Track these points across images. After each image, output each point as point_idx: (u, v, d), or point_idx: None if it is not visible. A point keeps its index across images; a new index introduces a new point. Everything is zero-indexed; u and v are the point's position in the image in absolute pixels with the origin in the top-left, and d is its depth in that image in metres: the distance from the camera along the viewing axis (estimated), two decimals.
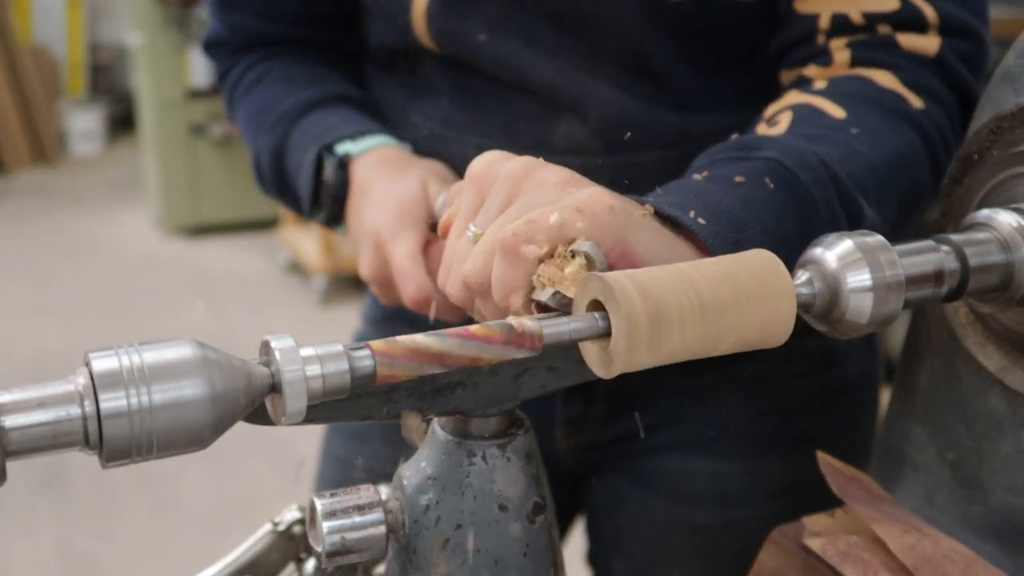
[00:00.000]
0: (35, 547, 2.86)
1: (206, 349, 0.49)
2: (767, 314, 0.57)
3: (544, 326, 0.55)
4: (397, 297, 0.83)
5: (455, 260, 0.66)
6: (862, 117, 0.77)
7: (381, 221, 0.82)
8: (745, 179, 0.70)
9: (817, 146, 0.73)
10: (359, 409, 0.58)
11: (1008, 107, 0.71)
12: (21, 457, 0.46)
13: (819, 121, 0.77)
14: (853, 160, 0.74)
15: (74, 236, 5.66)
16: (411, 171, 0.86)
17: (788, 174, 0.71)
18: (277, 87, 0.98)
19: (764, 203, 0.69)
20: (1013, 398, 0.72)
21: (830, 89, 0.80)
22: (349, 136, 0.89)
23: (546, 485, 0.63)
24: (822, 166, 0.72)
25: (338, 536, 0.58)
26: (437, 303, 0.80)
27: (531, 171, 0.66)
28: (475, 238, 0.65)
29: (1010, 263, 0.65)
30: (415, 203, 0.82)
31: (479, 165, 0.68)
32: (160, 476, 3.09)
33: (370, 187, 0.85)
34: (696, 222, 0.66)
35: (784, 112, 0.79)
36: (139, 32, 5.48)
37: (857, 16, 0.81)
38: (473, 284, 0.63)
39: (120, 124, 7.73)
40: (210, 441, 0.50)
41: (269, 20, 1.00)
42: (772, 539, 0.73)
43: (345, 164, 0.88)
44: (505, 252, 0.60)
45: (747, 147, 0.74)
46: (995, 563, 0.68)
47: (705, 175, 0.72)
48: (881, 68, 0.81)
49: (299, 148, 0.92)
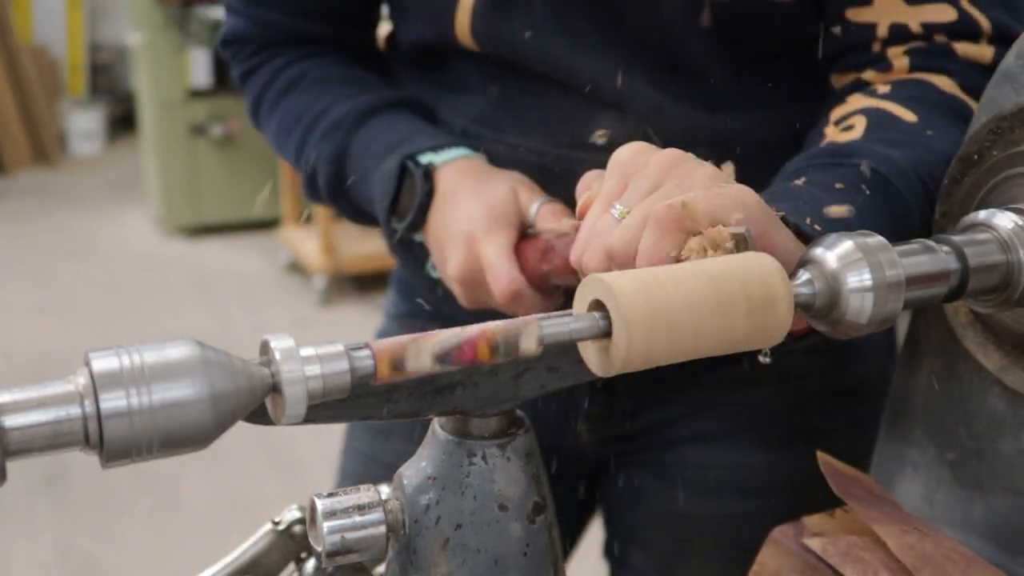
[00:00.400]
0: (35, 547, 2.86)
1: (206, 349, 0.49)
2: (765, 316, 0.57)
3: (544, 326, 0.55)
4: (483, 297, 0.85)
5: (597, 233, 0.68)
6: (931, 120, 0.80)
7: (473, 222, 0.83)
8: (844, 186, 0.72)
9: (902, 151, 0.76)
10: (359, 409, 0.58)
11: (1008, 107, 0.71)
12: (21, 457, 0.46)
13: (894, 125, 0.79)
14: (934, 161, 0.76)
15: (74, 236, 5.65)
16: (500, 178, 0.87)
17: (883, 181, 0.73)
18: (319, 91, 0.98)
19: (865, 209, 0.71)
20: (1013, 398, 0.72)
21: (896, 93, 0.82)
22: (431, 147, 0.90)
23: (546, 485, 0.63)
24: (913, 172, 0.74)
25: (338, 536, 0.58)
26: (526, 300, 0.81)
27: (681, 161, 0.68)
28: (621, 216, 0.66)
29: (1010, 263, 0.65)
30: (506, 206, 0.84)
31: (624, 153, 0.70)
32: (160, 476, 3.09)
33: (458, 194, 0.86)
34: (814, 229, 0.68)
35: (856, 116, 0.81)
36: (139, 32, 5.48)
37: (916, 26, 0.83)
38: (618, 254, 0.64)
39: (120, 124, 7.73)
40: (210, 441, 0.50)
41: (297, 17, 0.99)
42: (772, 539, 0.73)
43: (430, 174, 0.88)
44: (659, 223, 0.62)
45: (838, 154, 0.76)
46: (995, 563, 0.68)
47: (804, 181, 0.74)
48: (940, 73, 0.83)
49: (366, 156, 0.92)
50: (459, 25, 0.89)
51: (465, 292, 0.86)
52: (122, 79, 7.76)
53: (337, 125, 0.94)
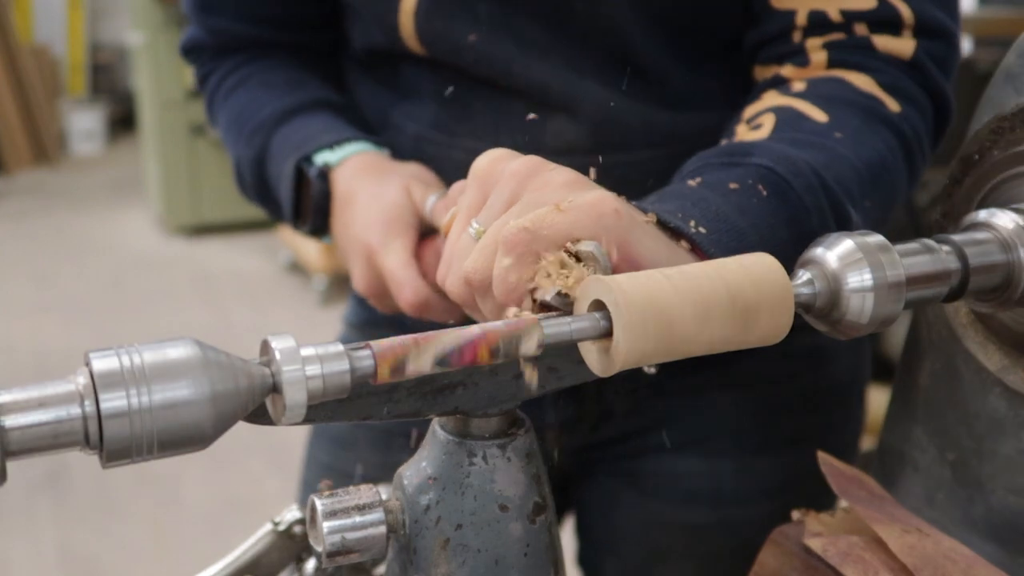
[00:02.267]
0: (36, 547, 2.87)
1: (206, 349, 0.49)
2: (765, 315, 0.57)
3: (545, 326, 0.55)
4: (394, 305, 0.83)
5: (456, 257, 0.66)
6: (843, 121, 0.77)
7: (369, 232, 0.82)
8: (739, 186, 0.70)
9: (804, 152, 0.73)
10: (359, 409, 0.58)
11: (1009, 107, 0.71)
12: (21, 457, 0.46)
13: (802, 125, 0.77)
14: (839, 165, 0.74)
15: (75, 236, 5.66)
16: (393, 177, 0.85)
17: (780, 181, 0.71)
18: (256, 93, 0.97)
19: (759, 210, 0.69)
20: (1014, 398, 0.72)
21: (810, 91, 0.80)
22: (327, 145, 0.88)
23: (547, 485, 0.63)
24: (812, 173, 0.72)
25: (338, 536, 0.58)
26: (435, 306, 0.79)
27: (537, 170, 0.66)
28: (477, 235, 0.65)
29: (1011, 263, 0.65)
30: (401, 209, 0.82)
31: (483, 163, 0.68)
32: (161, 476, 3.09)
33: (353, 197, 0.85)
34: (698, 231, 0.66)
35: (766, 115, 0.79)
36: (140, 32, 5.49)
37: (835, 14, 0.81)
38: (475, 281, 0.63)
39: (121, 124, 7.73)
40: (210, 441, 0.50)
41: (249, 23, 0.99)
42: (773, 539, 0.73)
43: (325, 175, 0.87)
44: (508, 249, 0.60)
45: (737, 153, 0.74)
46: (996, 563, 0.68)
47: (699, 181, 0.71)
48: (858, 71, 0.81)
49: (279, 158, 0.91)
50: (403, 28, 0.88)
51: (377, 303, 0.85)
52: (122, 79, 7.77)
53: (259, 127, 0.94)
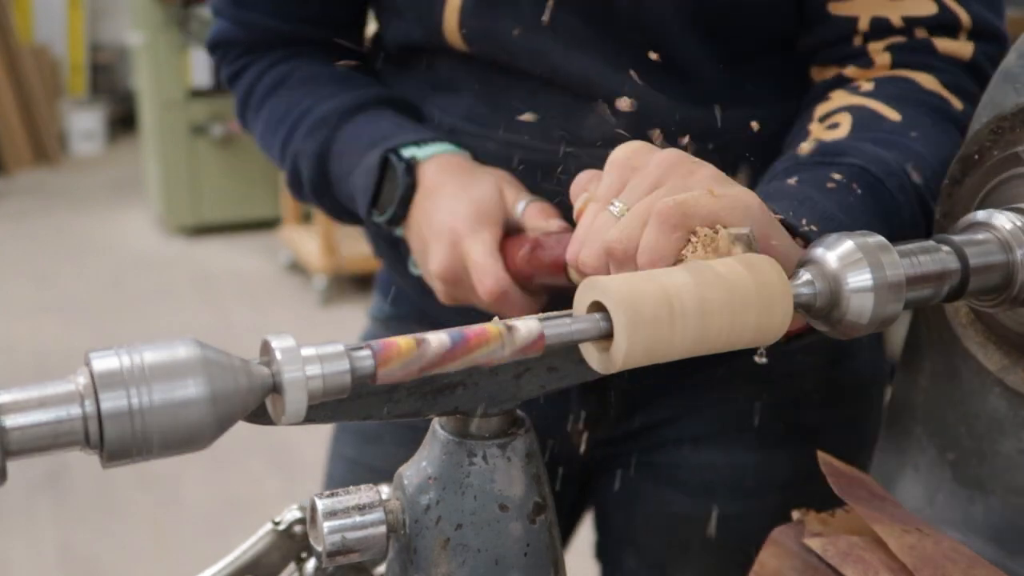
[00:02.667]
0: (36, 547, 2.86)
1: (206, 349, 0.49)
2: (764, 316, 0.57)
3: (546, 326, 0.55)
4: (464, 295, 0.84)
5: (595, 231, 0.67)
6: (916, 120, 0.80)
7: (457, 219, 0.83)
8: (836, 185, 0.73)
9: (889, 151, 0.76)
10: (359, 409, 0.58)
11: (1008, 107, 0.71)
12: (22, 457, 0.46)
13: (880, 125, 0.79)
14: (919, 163, 0.76)
15: (75, 236, 5.66)
16: (485, 175, 0.87)
17: (874, 180, 0.74)
18: (305, 89, 0.97)
19: (857, 208, 0.72)
20: (1014, 398, 0.72)
21: (879, 91, 0.82)
22: (414, 142, 0.89)
23: (547, 484, 0.63)
24: (902, 172, 0.75)
25: (339, 536, 0.58)
26: (513, 300, 0.81)
27: (682, 161, 0.67)
28: (621, 213, 0.66)
29: (1010, 263, 0.65)
30: (491, 204, 0.83)
31: (622, 152, 0.69)
32: (161, 476, 3.09)
33: (440, 189, 0.86)
34: (810, 229, 0.68)
35: (841, 113, 0.81)
36: (140, 32, 5.48)
37: (897, 20, 0.83)
38: (618, 251, 0.64)
39: (121, 124, 7.73)
40: (210, 441, 0.50)
41: (283, 19, 0.99)
42: (773, 539, 0.73)
43: (412, 168, 0.88)
44: (662, 220, 0.61)
45: (828, 153, 0.76)
46: (996, 563, 0.68)
47: (796, 181, 0.74)
48: (922, 70, 0.83)
49: (350, 152, 0.92)
50: (447, 24, 0.89)
51: (447, 290, 0.85)
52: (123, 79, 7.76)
53: (321, 122, 0.94)
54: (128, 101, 7.17)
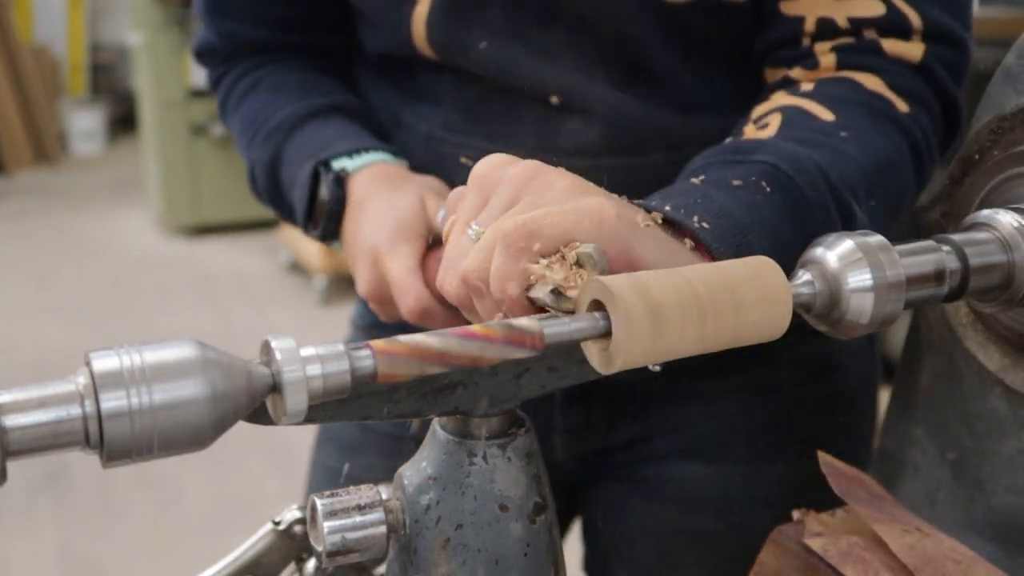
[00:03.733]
0: (36, 547, 2.87)
1: (207, 349, 0.49)
2: (763, 315, 0.57)
3: (546, 326, 0.55)
4: (396, 312, 0.83)
5: (454, 257, 0.66)
6: (850, 120, 0.77)
7: (378, 237, 0.82)
8: (743, 183, 0.70)
9: (810, 150, 0.73)
10: (360, 409, 0.58)
11: (1009, 107, 0.71)
12: (22, 457, 0.46)
13: (809, 124, 0.77)
14: (844, 164, 0.74)
15: (75, 236, 5.66)
16: (408, 187, 0.85)
17: (785, 178, 0.71)
18: (269, 96, 0.97)
19: (763, 207, 0.69)
20: (1014, 398, 0.72)
21: (818, 91, 0.80)
22: (346, 153, 0.88)
23: (547, 485, 0.63)
24: (817, 170, 0.72)
25: (339, 536, 0.58)
26: (436, 315, 0.79)
27: (538, 174, 0.66)
28: (477, 236, 0.65)
29: (1011, 263, 0.65)
30: (413, 218, 0.82)
31: (483, 167, 0.68)
32: (161, 476, 3.09)
33: (367, 203, 0.85)
34: (701, 227, 0.66)
35: (773, 114, 0.79)
36: (140, 32, 5.49)
37: (843, 21, 0.81)
38: (472, 280, 0.63)
39: (121, 124, 7.73)
40: (211, 441, 0.50)
41: (260, 26, 0.99)
42: (773, 539, 0.73)
43: (342, 180, 0.87)
44: (506, 245, 0.60)
45: (742, 151, 0.74)
46: (996, 563, 0.68)
47: (702, 179, 0.72)
48: (867, 72, 0.81)
49: (294, 162, 0.91)
50: (416, 35, 0.88)
51: (378, 308, 0.84)
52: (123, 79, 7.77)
53: (274, 130, 0.94)
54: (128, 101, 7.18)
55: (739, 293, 0.56)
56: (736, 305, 0.56)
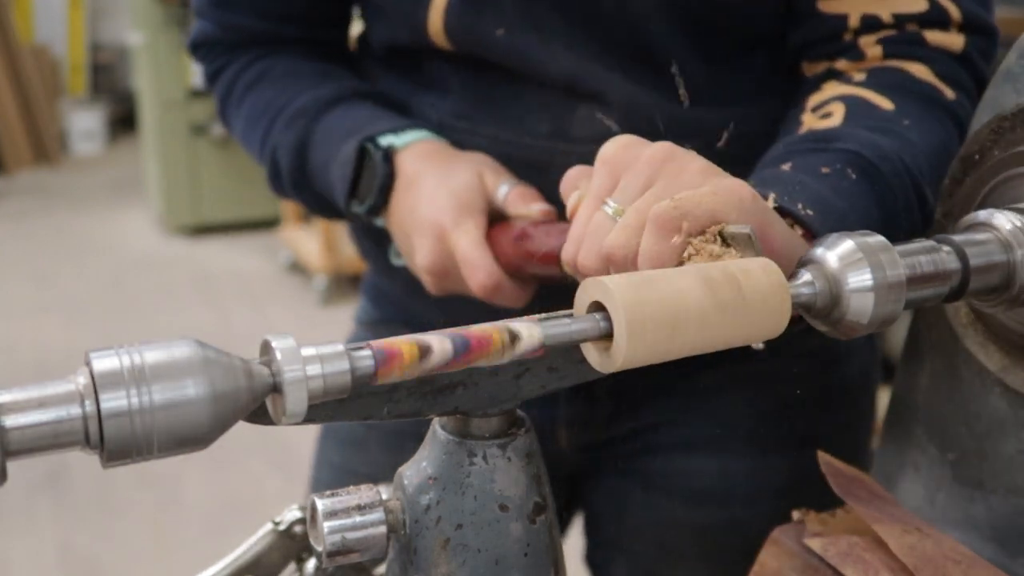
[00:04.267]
0: (36, 546, 2.86)
1: (207, 349, 0.49)
2: (762, 316, 0.57)
3: (546, 327, 0.55)
4: (454, 286, 0.84)
5: (592, 233, 0.66)
6: (908, 108, 0.80)
7: (441, 211, 0.82)
8: (830, 170, 0.72)
9: (881, 137, 0.76)
10: (360, 409, 0.58)
11: (1009, 107, 0.71)
12: (22, 457, 0.46)
13: (872, 113, 0.79)
14: (913, 151, 0.76)
15: (75, 236, 5.66)
16: (464, 163, 0.86)
17: (868, 165, 0.73)
18: (284, 83, 0.97)
19: (852, 193, 0.71)
20: (1014, 398, 0.72)
21: (871, 81, 0.83)
22: (391, 130, 0.88)
23: (547, 485, 0.63)
24: (896, 157, 0.74)
25: (339, 536, 0.58)
26: (506, 290, 0.80)
27: (673, 156, 0.67)
28: (616, 214, 0.65)
29: (1011, 263, 0.65)
30: (474, 193, 0.83)
31: (612, 148, 0.69)
32: (161, 476, 3.09)
33: (420, 179, 0.85)
34: (807, 214, 0.68)
35: (834, 103, 0.81)
36: (140, 32, 5.49)
37: (887, 16, 0.84)
38: (618, 257, 0.63)
39: (121, 124, 7.73)
40: (211, 441, 0.50)
41: (265, 19, 0.99)
42: (773, 539, 0.73)
43: (390, 156, 0.87)
44: (659, 226, 0.61)
45: (821, 139, 0.76)
46: (996, 563, 0.68)
47: (790, 166, 0.73)
48: (915, 61, 0.84)
49: (328, 142, 0.91)
50: (432, 25, 0.88)
51: (436, 282, 0.84)
52: (123, 79, 7.77)
53: (299, 114, 0.94)
54: (128, 101, 7.18)
55: (739, 293, 0.56)
56: (736, 305, 0.56)
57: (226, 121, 1.04)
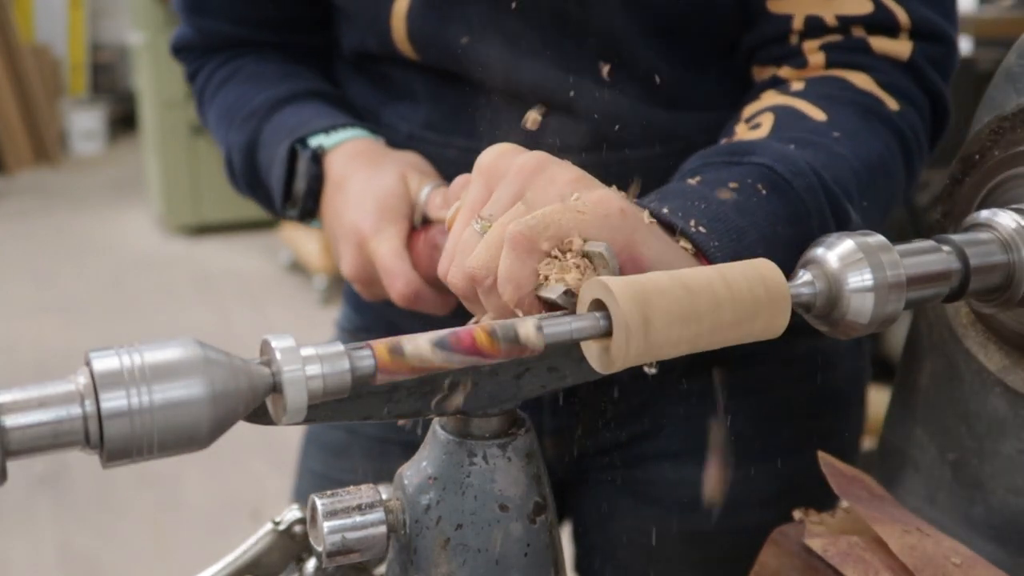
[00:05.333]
0: (36, 546, 2.87)
1: (207, 349, 0.49)
2: (761, 316, 0.57)
3: (546, 326, 0.55)
4: (381, 293, 0.83)
5: (460, 250, 0.65)
6: (842, 120, 0.77)
7: (362, 218, 0.81)
8: (738, 185, 0.70)
9: (804, 151, 0.73)
10: (359, 409, 0.58)
11: (1009, 107, 0.71)
12: (22, 456, 0.46)
13: (801, 124, 0.77)
14: (837, 164, 0.74)
15: (75, 235, 5.66)
16: (389, 164, 0.85)
17: (780, 181, 0.71)
18: (247, 84, 0.97)
19: (759, 210, 0.69)
20: (1014, 398, 0.72)
21: (808, 91, 0.80)
22: (322, 130, 0.88)
23: (547, 485, 0.63)
24: (812, 172, 0.72)
25: (339, 536, 0.58)
26: (426, 298, 0.79)
27: (543, 167, 0.65)
28: (483, 230, 0.64)
29: (1011, 263, 0.65)
30: (395, 198, 0.81)
31: (488, 157, 0.68)
32: (161, 475, 3.09)
33: (347, 182, 0.84)
34: (698, 231, 0.66)
35: (765, 114, 0.79)
36: (140, 32, 5.49)
37: (831, 19, 0.81)
38: (479, 277, 0.62)
39: (121, 124, 7.74)
40: (210, 441, 0.50)
41: (238, 24, 0.99)
42: (773, 539, 0.73)
43: (319, 157, 0.86)
44: (514, 246, 0.60)
45: (737, 152, 0.74)
46: (996, 563, 0.68)
47: (698, 180, 0.71)
48: (857, 70, 0.81)
49: (271, 143, 0.91)
50: (396, 33, 0.87)
51: (363, 290, 0.84)
52: (123, 79, 7.77)
53: (251, 114, 0.94)
54: (128, 101, 7.18)
55: (738, 293, 0.56)
56: (735, 306, 0.56)
57: (204, 122, 1.04)
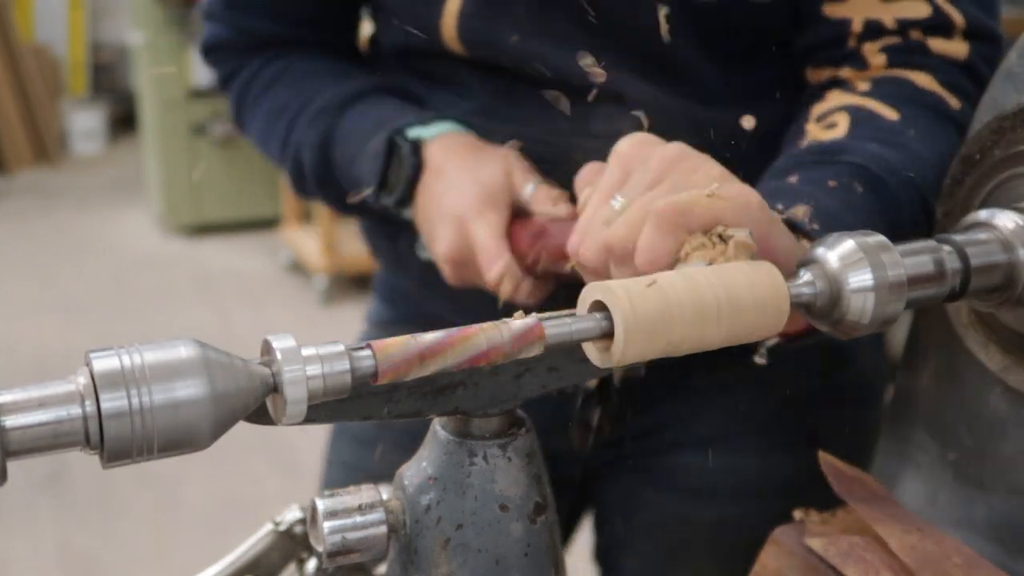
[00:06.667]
0: (36, 546, 2.86)
1: (207, 349, 0.49)
2: (760, 316, 0.57)
3: (547, 326, 0.55)
4: (471, 277, 0.84)
5: (596, 224, 0.67)
6: (913, 119, 0.80)
7: (464, 202, 0.82)
8: (837, 184, 0.72)
9: (888, 149, 0.76)
10: (360, 409, 0.58)
11: (1010, 107, 0.71)
12: (22, 457, 0.46)
13: (876, 123, 0.79)
14: (919, 163, 0.76)
15: (75, 235, 5.66)
16: (492, 156, 0.86)
17: (875, 179, 0.73)
18: (302, 83, 0.97)
19: (859, 207, 0.72)
20: (1015, 398, 0.72)
21: (876, 91, 0.82)
22: (419, 122, 0.89)
23: (547, 485, 0.63)
24: (903, 170, 0.74)
25: (339, 536, 0.58)
26: (520, 284, 0.80)
27: (685, 157, 0.67)
28: (622, 208, 0.66)
29: (1012, 263, 0.65)
30: (499, 187, 0.83)
31: (626, 144, 0.70)
32: (161, 476, 3.09)
33: (448, 169, 0.85)
34: (813, 228, 0.68)
35: (838, 113, 0.81)
36: (140, 32, 5.49)
37: (890, 22, 0.83)
38: (617, 248, 0.64)
39: (121, 123, 7.73)
40: (211, 441, 0.49)
41: (279, 22, 0.99)
42: (774, 539, 0.73)
43: (418, 148, 0.87)
44: (660, 221, 0.61)
45: (828, 151, 0.76)
46: (997, 563, 0.68)
47: (797, 179, 0.73)
48: (918, 70, 0.83)
49: (353, 138, 0.92)
50: (445, 30, 0.89)
51: (454, 272, 0.85)
52: (123, 78, 7.77)
53: (322, 111, 0.94)
54: (128, 101, 7.17)
55: (738, 294, 0.57)
56: (734, 306, 0.56)
57: (241, 124, 1.04)
